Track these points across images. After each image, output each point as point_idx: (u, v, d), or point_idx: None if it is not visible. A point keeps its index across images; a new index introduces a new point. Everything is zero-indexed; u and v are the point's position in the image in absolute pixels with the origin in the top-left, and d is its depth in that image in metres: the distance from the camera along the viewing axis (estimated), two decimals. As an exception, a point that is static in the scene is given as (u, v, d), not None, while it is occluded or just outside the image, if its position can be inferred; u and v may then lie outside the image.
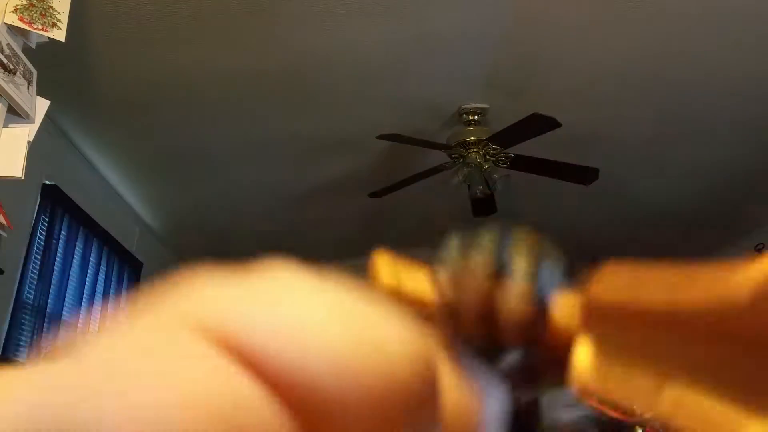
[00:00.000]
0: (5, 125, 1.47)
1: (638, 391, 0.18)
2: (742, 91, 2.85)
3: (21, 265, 2.73)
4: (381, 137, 2.97)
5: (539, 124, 2.74)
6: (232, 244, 4.88)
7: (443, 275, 0.23)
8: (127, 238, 3.90)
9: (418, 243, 4.57)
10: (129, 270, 3.95)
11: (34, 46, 1.60)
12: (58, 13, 1.59)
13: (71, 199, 3.15)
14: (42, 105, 1.57)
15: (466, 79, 2.95)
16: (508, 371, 0.21)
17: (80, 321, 3.29)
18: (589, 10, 2.40)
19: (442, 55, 2.75)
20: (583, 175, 3.16)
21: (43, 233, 2.92)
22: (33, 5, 1.56)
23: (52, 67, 2.05)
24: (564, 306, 0.21)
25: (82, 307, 3.31)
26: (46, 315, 2.89)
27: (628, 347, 0.19)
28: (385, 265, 0.25)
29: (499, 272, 0.22)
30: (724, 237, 4.43)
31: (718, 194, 3.81)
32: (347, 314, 0.17)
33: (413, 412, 0.16)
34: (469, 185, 3.31)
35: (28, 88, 1.54)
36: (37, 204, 2.87)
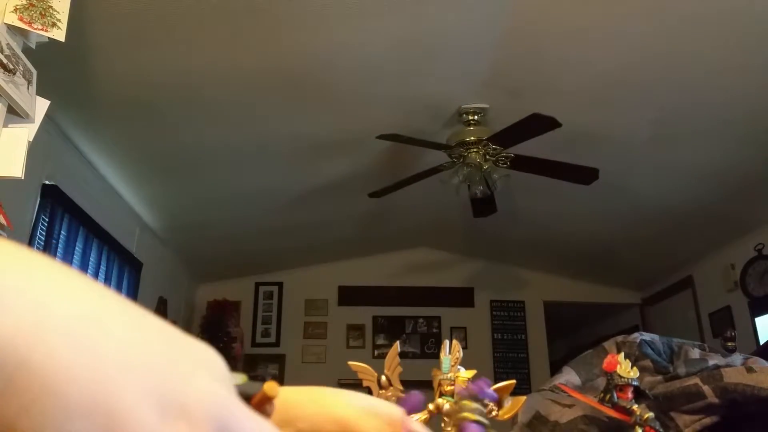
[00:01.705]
0: (5, 125, 1.47)
1: None
2: (742, 91, 2.85)
3: (21, 265, 2.73)
4: (381, 137, 2.97)
5: (539, 124, 2.73)
6: (232, 244, 4.88)
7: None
8: (126, 238, 3.90)
9: (418, 243, 4.60)
10: (129, 270, 3.95)
11: (33, 46, 1.60)
12: (58, 12, 1.59)
13: (71, 199, 3.15)
14: (42, 105, 1.57)
15: (466, 79, 2.95)
16: None
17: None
18: (589, 11, 2.40)
19: (442, 55, 2.75)
20: (583, 175, 3.16)
21: (43, 233, 2.92)
22: (33, 5, 1.55)
23: (52, 67, 2.05)
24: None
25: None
26: (46, 315, 2.89)
27: None
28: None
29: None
30: (724, 237, 4.43)
31: (718, 194, 3.81)
32: None
33: None
34: (469, 185, 3.31)
35: (28, 88, 1.54)
36: (37, 204, 2.87)
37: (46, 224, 2.94)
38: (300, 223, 4.68)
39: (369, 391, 0.32)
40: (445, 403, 0.35)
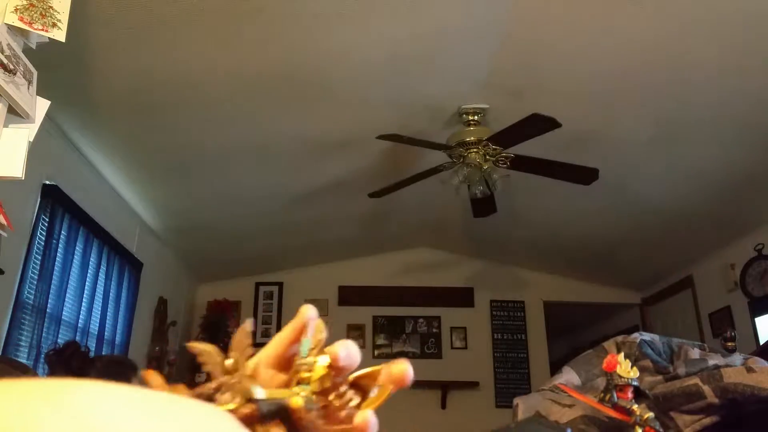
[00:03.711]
0: (5, 125, 1.47)
1: None
2: (742, 91, 2.85)
3: (21, 265, 2.73)
4: (381, 137, 2.97)
5: (539, 124, 2.73)
6: (232, 244, 4.88)
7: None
8: (127, 237, 3.90)
9: (418, 243, 4.60)
10: (129, 270, 3.95)
11: (34, 47, 1.60)
12: (58, 13, 1.59)
13: (71, 199, 3.15)
14: (42, 105, 1.57)
15: (466, 79, 2.95)
16: None
17: (80, 321, 3.29)
18: (589, 11, 2.40)
19: (442, 55, 2.75)
20: (583, 175, 3.16)
21: (43, 233, 2.92)
22: (33, 5, 1.55)
23: (53, 67, 2.05)
24: None
25: (82, 307, 3.31)
26: (46, 315, 2.89)
27: None
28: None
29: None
30: (724, 237, 4.43)
31: (718, 194, 3.81)
32: None
33: None
34: (469, 185, 3.31)
35: (29, 88, 1.54)
36: (38, 204, 2.87)
37: (46, 224, 2.94)
38: (300, 223, 4.68)
39: (208, 378, 0.31)
40: (300, 392, 0.33)
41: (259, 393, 0.30)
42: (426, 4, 2.38)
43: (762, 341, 4.06)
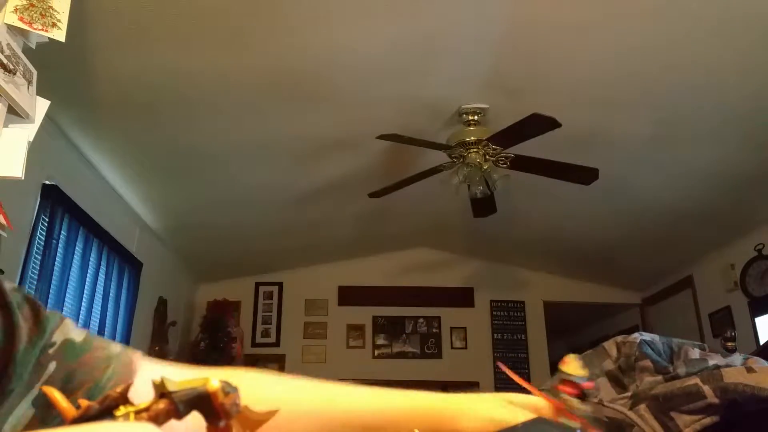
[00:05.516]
0: (5, 125, 1.47)
1: None
2: (742, 91, 2.85)
3: (21, 265, 2.73)
4: (381, 137, 2.97)
5: (539, 124, 2.73)
6: (232, 244, 4.88)
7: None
8: (126, 238, 3.90)
9: (418, 243, 4.60)
10: (129, 270, 3.95)
11: (34, 46, 1.60)
12: (58, 13, 1.59)
13: (71, 199, 3.15)
14: (42, 105, 1.57)
15: (466, 79, 2.95)
16: None
17: (80, 321, 3.29)
18: (588, 11, 2.40)
19: (442, 55, 2.75)
20: (583, 175, 3.16)
21: (43, 233, 2.92)
22: (33, 5, 1.56)
23: (52, 67, 2.05)
24: None
25: (82, 307, 3.30)
26: (46, 315, 2.88)
27: None
28: None
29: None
30: (724, 237, 4.43)
31: (719, 194, 3.81)
32: None
33: None
34: (468, 185, 3.31)
35: (28, 88, 1.54)
36: (37, 204, 2.87)
37: (46, 224, 2.93)
38: (300, 223, 4.68)
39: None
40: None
41: (171, 384, 0.29)
42: (426, 3, 2.38)
43: (762, 341, 4.05)
